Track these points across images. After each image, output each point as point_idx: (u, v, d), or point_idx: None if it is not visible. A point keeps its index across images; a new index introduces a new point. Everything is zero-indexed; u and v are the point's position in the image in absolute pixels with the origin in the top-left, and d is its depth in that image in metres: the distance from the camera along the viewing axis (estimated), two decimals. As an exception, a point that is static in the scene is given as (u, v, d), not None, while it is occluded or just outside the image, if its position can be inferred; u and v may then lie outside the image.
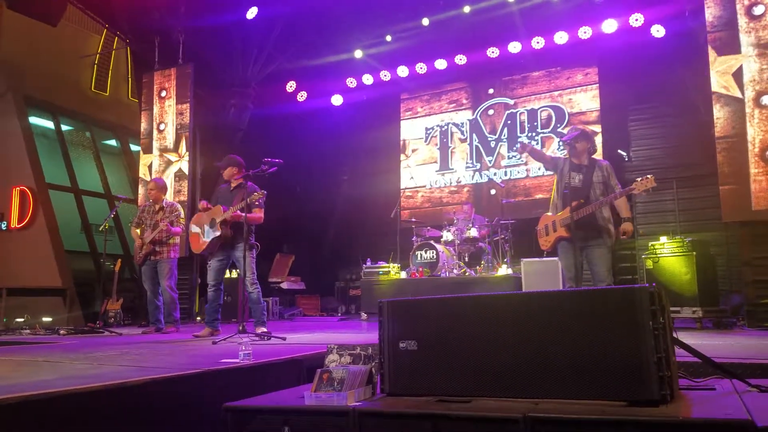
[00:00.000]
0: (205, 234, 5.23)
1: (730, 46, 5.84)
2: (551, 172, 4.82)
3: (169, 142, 8.97)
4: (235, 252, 5.23)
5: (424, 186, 10.52)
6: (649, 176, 4.19)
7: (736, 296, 6.64)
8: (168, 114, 9.05)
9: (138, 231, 6.28)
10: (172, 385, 2.48)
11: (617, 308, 1.87)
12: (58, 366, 3.01)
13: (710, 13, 6.01)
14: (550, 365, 1.92)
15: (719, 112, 5.85)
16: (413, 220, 9.28)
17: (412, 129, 10.82)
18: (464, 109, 10.37)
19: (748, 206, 5.58)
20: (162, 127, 9.08)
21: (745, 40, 5.78)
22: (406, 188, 10.63)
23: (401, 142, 10.80)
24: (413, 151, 10.65)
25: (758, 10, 5.75)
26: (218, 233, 5.11)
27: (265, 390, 2.36)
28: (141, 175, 9.23)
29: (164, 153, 9.01)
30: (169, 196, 8.43)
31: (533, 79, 9.79)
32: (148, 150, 9.21)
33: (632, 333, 1.82)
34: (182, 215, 6.39)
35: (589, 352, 1.87)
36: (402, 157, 10.74)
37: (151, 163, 9.10)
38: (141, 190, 9.24)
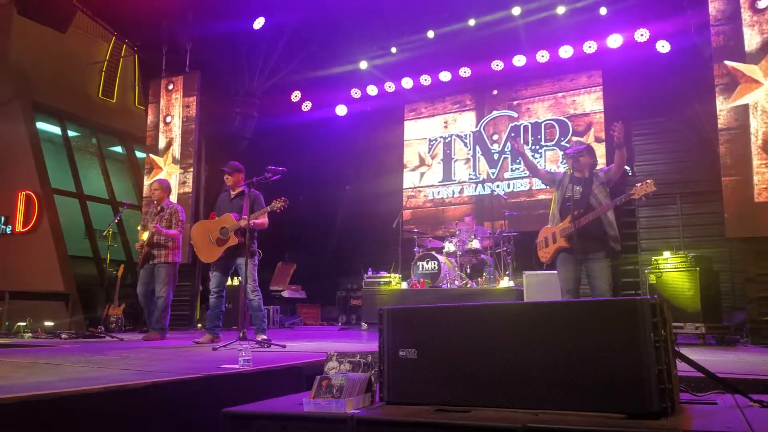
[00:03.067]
0: (216, 243, 5.22)
1: (733, 40, 5.82)
2: (547, 186, 4.80)
3: (176, 134, 9.00)
4: (237, 259, 5.23)
5: (426, 187, 10.57)
6: (648, 180, 4.21)
7: (740, 313, 6.59)
8: (174, 106, 9.09)
9: (144, 236, 6.21)
10: (172, 389, 2.48)
11: (619, 320, 1.86)
12: (58, 368, 3.02)
13: (714, 7, 5.99)
14: (551, 376, 1.91)
15: (722, 105, 5.82)
16: (415, 230, 9.27)
17: (416, 131, 10.87)
18: (468, 110, 10.42)
19: (750, 198, 5.56)
20: (168, 119, 9.11)
21: (749, 33, 5.76)
22: (408, 188, 10.69)
23: (417, 155, 10.80)
24: (433, 157, 10.66)
25: (762, 4, 5.72)
26: (234, 242, 5.11)
27: (264, 396, 2.36)
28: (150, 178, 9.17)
29: (169, 149, 9.04)
30: (174, 198, 8.44)
31: (537, 81, 9.83)
32: (153, 142, 9.22)
33: (633, 345, 1.82)
34: (182, 217, 6.17)
35: (590, 364, 1.86)
36: (424, 168, 10.71)
37: (156, 166, 9.13)
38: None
